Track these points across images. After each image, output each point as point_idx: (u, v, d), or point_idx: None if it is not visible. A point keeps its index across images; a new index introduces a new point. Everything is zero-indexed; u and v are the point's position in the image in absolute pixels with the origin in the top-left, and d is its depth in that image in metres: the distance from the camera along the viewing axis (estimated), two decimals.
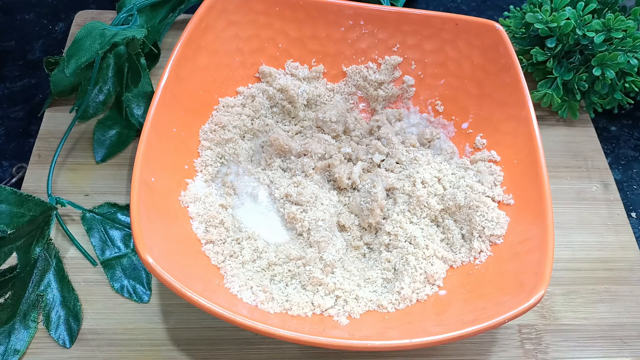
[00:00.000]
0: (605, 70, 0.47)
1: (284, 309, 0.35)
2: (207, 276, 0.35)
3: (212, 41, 0.42)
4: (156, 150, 0.36)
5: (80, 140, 0.48)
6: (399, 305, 0.36)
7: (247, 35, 0.44)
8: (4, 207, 0.39)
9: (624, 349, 0.40)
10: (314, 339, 0.29)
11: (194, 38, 0.40)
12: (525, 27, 0.52)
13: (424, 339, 0.30)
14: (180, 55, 0.39)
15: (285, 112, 0.46)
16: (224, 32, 0.42)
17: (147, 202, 0.34)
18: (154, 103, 0.36)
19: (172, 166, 0.39)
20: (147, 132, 0.35)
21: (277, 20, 0.44)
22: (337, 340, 0.29)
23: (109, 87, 0.48)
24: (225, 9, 0.42)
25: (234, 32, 0.43)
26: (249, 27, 0.44)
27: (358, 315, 0.36)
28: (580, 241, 0.45)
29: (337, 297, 0.37)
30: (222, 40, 0.42)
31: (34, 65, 0.54)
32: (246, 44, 0.44)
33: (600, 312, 0.42)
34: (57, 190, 0.44)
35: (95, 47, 0.42)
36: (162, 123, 0.37)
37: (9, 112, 0.51)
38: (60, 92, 0.47)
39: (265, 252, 0.39)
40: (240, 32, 0.43)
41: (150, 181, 0.35)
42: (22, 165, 0.47)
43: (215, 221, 0.39)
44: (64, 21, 0.57)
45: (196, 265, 0.35)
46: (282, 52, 0.45)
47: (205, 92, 0.42)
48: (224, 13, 0.42)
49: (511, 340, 0.40)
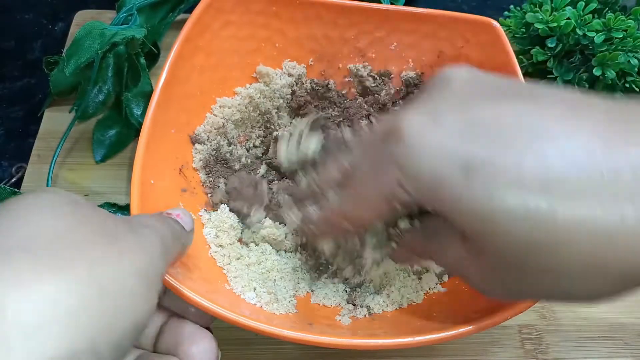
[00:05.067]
0: (605, 70, 0.47)
1: (288, 311, 0.35)
2: (210, 277, 0.35)
3: (210, 41, 0.42)
4: (154, 153, 0.36)
5: (80, 140, 0.48)
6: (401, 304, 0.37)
7: (244, 35, 0.44)
8: None
9: (625, 349, 0.40)
10: (320, 339, 0.29)
11: (191, 38, 0.40)
12: (525, 27, 0.52)
13: (430, 337, 0.30)
14: (178, 56, 0.39)
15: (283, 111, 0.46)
16: (221, 32, 0.42)
17: (148, 203, 0.34)
18: (152, 105, 0.36)
19: (172, 169, 0.38)
20: (145, 134, 0.35)
21: (274, 20, 0.44)
22: (343, 340, 0.29)
23: (108, 87, 0.48)
24: (222, 9, 0.42)
25: (231, 32, 0.43)
26: (246, 27, 0.43)
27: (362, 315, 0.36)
28: None
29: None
30: (219, 40, 0.42)
31: (34, 65, 0.54)
32: (243, 44, 0.44)
33: (601, 312, 0.42)
34: None
35: (94, 47, 0.42)
36: (160, 125, 0.37)
37: (9, 112, 0.51)
38: (59, 92, 0.47)
39: (271, 255, 0.39)
40: (237, 32, 0.43)
41: (150, 183, 0.35)
42: (21, 165, 0.47)
43: (225, 225, 0.39)
44: (63, 21, 0.57)
45: (199, 267, 0.35)
46: (279, 51, 0.45)
47: (203, 93, 0.42)
48: (220, 13, 0.42)
49: (511, 340, 0.40)
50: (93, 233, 0.22)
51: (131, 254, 0.22)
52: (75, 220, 0.22)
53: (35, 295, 0.18)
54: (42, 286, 0.18)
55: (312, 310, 0.36)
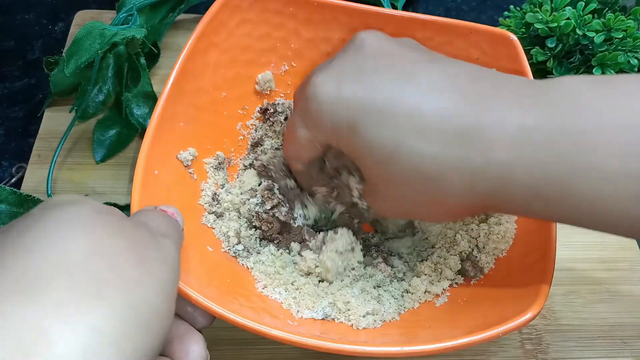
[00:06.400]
0: (605, 70, 0.47)
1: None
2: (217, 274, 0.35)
3: (225, 39, 0.41)
4: (161, 144, 0.36)
5: (80, 140, 0.48)
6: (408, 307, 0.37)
7: (260, 34, 0.43)
8: (4, 207, 0.39)
9: (625, 349, 0.40)
10: (330, 345, 0.29)
11: (206, 34, 0.40)
12: (525, 27, 0.52)
13: (440, 345, 0.29)
14: (192, 51, 0.38)
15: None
16: (237, 29, 0.42)
17: (150, 194, 0.34)
18: (162, 97, 0.36)
19: (177, 161, 0.38)
20: (154, 125, 0.35)
21: (290, 21, 0.43)
22: (355, 347, 0.29)
23: (108, 87, 0.48)
24: (239, 7, 0.42)
25: (247, 30, 0.43)
26: (262, 26, 0.43)
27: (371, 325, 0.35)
28: (580, 241, 0.45)
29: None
30: (234, 38, 0.42)
31: (34, 65, 0.54)
32: (258, 43, 0.44)
33: (601, 312, 0.42)
34: (56, 190, 0.44)
35: (95, 47, 0.42)
36: (169, 117, 0.37)
37: (9, 112, 0.51)
38: (59, 92, 0.47)
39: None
40: (252, 31, 0.43)
41: (154, 174, 0.35)
42: (21, 165, 0.47)
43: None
44: (63, 21, 0.57)
45: (205, 263, 0.35)
46: (294, 52, 0.45)
47: (216, 89, 0.42)
48: (237, 10, 0.42)
49: (511, 340, 0.40)
50: (124, 248, 0.22)
51: (158, 272, 0.23)
52: (105, 234, 0.22)
53: (78, 326, 0.18)
54: (85, 316, 0.19)
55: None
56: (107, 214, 0.23)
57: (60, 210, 0.22)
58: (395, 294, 0.37)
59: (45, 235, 0.20)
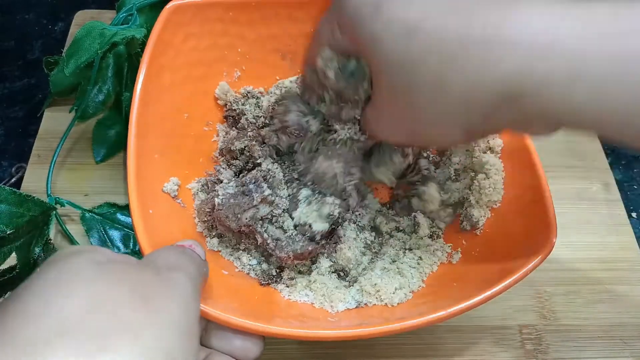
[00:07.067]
0: None
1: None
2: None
3: (173, 58, 0.41)
4: (146, 181, 0.36)
5: (80, 140, 0.48)
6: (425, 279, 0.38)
7: (206, 45, 0.43)
8: (4, 207, 0.39)
9: (625, 349, 0.40)
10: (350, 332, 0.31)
11: (155, 57, 0.39)
12: None
13: (459, 306, 0.31)
14: (146, 79, 0.38)
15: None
16: (183, 45, 0.41)
17: (154, 234, 0.33)
18: (131, 136, 0.35)
19: (164, 195, 0.38)
20: (133, 166, 0.34)
21: (232, 26, 0.43)
22: (374, 329, 0.30)
23: (108, 87, 0.48)
24: (181, 22, 0.41)
25: (193, 44, 0.42)
26: (207, 37, 0.42)
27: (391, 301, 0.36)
28: (580, 241, 0.45)
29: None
30: (182, 55, 0.41)
31: (34, 65, 0.54)
32: (206, 55, 0.43)
33: (601, 312, 0.42)
34: (56, 190, 0.44)
35: (94, 46, 0.42)
36: (145, 153, 0.36)
37: (9, 112, 0.51)
38: (59, 92, 0.47)
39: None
40: (198, 44, 0.42)
41: (149, 213, 0.34)
42: (21, 165, 0.47)
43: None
44: (63, 21, 0.57)
45: (229, 288, 0.35)
46: (242, 56, 0.44)
47: (178, 112, 0.41)
48: (179, 26, 0.41)
49: (511, 340, 0.40)
50: (128, 292, 0.21)
51: (167, 309, 0.22)
52: (105, 285, 0.21)
53: None
54: None
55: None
56: (107, 262, 0.22)
57: (60, 267, 0.22)
58: (412, 264, 0.38)
59: (46, 297, 0.20)
